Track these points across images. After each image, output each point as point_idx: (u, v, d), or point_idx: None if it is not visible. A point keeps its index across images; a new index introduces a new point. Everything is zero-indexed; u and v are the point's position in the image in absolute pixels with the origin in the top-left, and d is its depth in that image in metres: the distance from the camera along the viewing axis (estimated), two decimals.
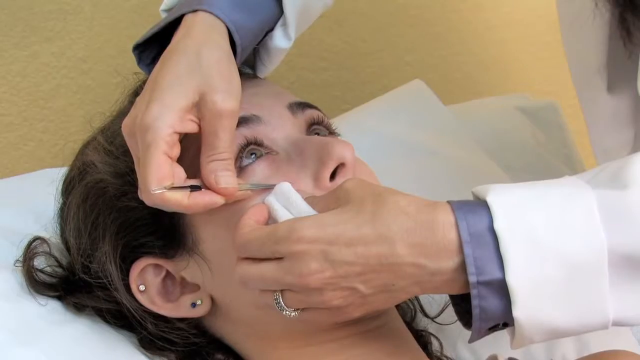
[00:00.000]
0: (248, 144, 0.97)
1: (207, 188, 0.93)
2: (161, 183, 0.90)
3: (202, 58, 0.94)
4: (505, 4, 1.80)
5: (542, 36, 1.82)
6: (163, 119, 0.91)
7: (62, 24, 1.53)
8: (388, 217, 0.86)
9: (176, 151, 0.92)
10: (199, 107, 0.93)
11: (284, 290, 0.89)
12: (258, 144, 0.98)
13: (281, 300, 0.90)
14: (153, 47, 1.03)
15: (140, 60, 1.03)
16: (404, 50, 1.75)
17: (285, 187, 0.93)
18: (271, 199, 0.93)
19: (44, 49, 1.52)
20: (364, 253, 0.86)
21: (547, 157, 1.48)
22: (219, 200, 0.93)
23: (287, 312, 0.90)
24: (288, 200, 0.92)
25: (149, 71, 1.02)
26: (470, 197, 0.91)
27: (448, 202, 0.88)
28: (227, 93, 0.93)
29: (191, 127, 0.93)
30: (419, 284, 0.87)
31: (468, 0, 1.78)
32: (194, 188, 0.92)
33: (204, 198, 0.92)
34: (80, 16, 1.54)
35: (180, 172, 0.92)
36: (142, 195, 0.93)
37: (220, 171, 0.92)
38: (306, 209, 0.91)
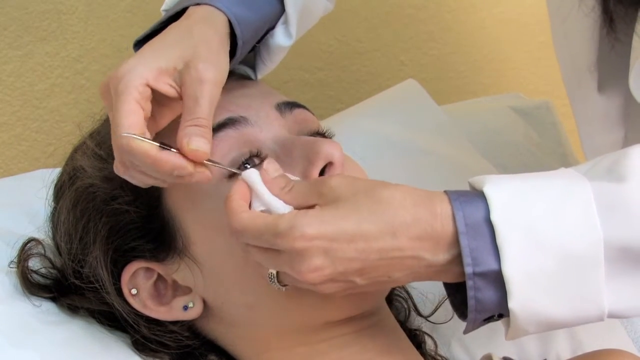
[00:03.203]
0: (250, 156, 0.97)
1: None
2: (131, 129, 0.88)
3: (193, 32, 0.94)
4: (499, 3, 1.80)
5: (536, 36, 1.82)
6: (136, 71, 0.90)
7: (57, 24, 1.53)
8: (387, 211, 0.86)
9: (148, 106, 0.91)
10: (181, 74, 0.92)
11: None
12: (257, 155, 0.97)
13: (275, 278, 0.90)
14: None
15: None
16: (398, 49, 1.75)
17: (252, 177, 0.91)
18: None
19: (39, 48, 1.52)
20: (365, 249, 0.86)
21: (541, 156, 1.47)
22: (187, 166, 0.89)
23: (276, 285, 0.91)
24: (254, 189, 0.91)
25: None
26: None
27: (445, 192, 0.87)
28: (211, 64, 0.92)
29: (167, 89, 0.92)
30: (414, 274, 0.88)
31: (462, 0, 1.78)
32: (164, 146, 0.89)
33: (172, 158, 0.89)
34: (74, 16, 1.54)
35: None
36: (113, 143, 0.90)
37: (195, 136, 0.89)
38: (272, 202, 0.90)
